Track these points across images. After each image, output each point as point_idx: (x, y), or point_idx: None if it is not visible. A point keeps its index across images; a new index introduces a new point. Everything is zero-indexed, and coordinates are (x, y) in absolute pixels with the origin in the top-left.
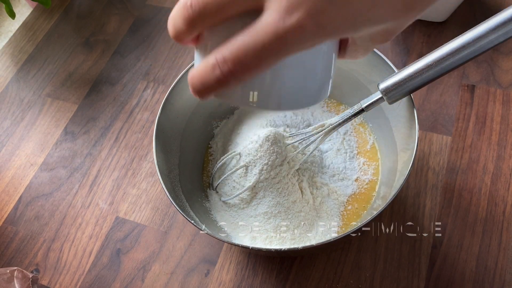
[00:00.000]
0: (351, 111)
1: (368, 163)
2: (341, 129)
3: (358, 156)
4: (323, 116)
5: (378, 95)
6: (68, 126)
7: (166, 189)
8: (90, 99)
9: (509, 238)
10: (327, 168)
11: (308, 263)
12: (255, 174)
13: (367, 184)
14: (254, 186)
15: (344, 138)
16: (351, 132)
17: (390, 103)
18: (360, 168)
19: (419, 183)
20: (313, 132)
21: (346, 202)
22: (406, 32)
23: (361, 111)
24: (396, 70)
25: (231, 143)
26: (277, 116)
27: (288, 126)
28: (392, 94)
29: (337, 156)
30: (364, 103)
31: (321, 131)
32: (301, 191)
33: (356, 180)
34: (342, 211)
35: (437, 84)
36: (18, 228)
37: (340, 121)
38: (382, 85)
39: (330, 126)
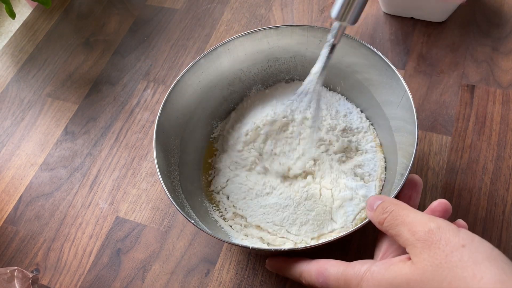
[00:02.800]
0: (326, 52)
1: None
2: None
3: None
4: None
5: (337, 24)
6: (68, 126)
7: (166, 189)
8: (90, 99)
9: (509, 238)
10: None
11: None
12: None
13: None
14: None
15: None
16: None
17: (352, 23)
18: None
19: None
20: (304, 88)
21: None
22: (406, 32)
23: (334, 46)
24: (396, 70)
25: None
26: (278, 109)
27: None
28: (347, 15)
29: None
30: (330, 38)
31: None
32: (320, 191)
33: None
34: (356, 215)
35: (437, 84)
36: (18, 228)
37: (322, 65)
38: (334, 13)
39: (316, 73)
